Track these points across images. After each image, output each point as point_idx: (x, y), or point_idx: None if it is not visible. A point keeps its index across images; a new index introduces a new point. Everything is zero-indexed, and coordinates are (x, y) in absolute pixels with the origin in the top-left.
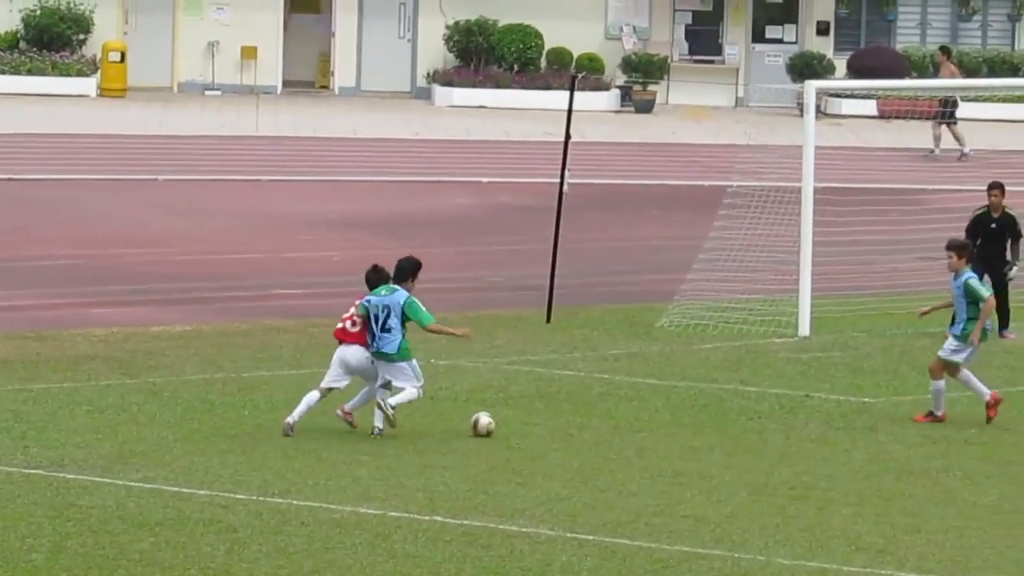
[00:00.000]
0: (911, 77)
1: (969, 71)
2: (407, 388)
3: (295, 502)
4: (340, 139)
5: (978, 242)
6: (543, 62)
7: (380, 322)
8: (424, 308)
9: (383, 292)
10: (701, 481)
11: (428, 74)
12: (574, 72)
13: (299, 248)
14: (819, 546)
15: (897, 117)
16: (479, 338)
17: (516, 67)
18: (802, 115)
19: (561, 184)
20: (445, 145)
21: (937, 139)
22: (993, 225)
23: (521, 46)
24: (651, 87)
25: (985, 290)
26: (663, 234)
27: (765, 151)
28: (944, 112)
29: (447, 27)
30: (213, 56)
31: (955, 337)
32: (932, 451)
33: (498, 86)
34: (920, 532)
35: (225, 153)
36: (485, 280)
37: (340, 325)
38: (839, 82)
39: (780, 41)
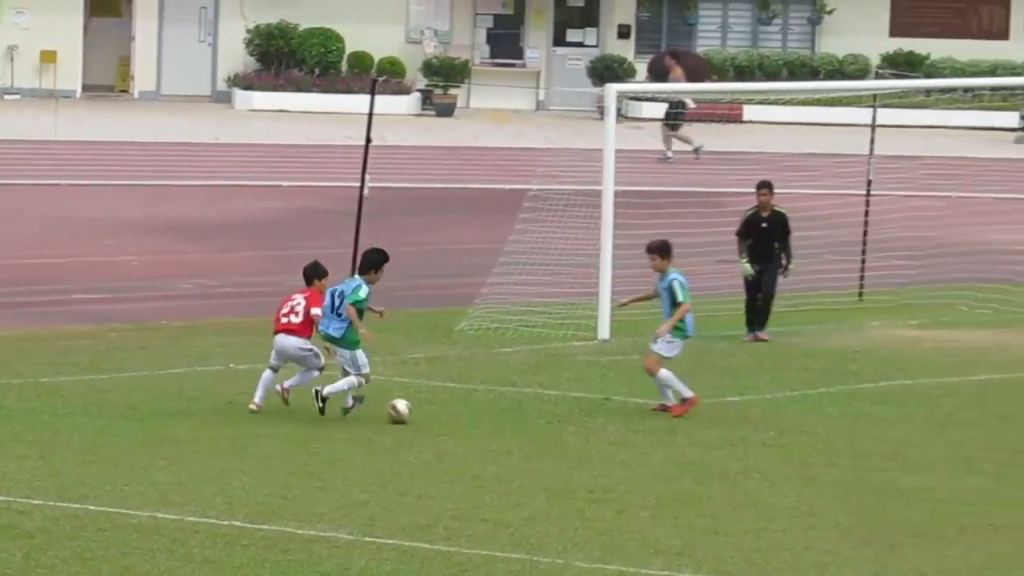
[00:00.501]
0: (712, 80)
1: (769, 74)
2: (346, 377)
3: (92, 507)
4: (140, 143)
5: (749, 242)
6: (344, 66)
7: (334, 307)
8: (364, 295)
9: (347, 280)
10: (500, 485)
11: (229, 78)
12: (375, 76)
13: (99, 252)
14: (617, 549)
15: (697, 120)
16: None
17: (317, 71)
18: (602, 118)
19: (361, 188)
20: (246, 149)
21: (666, 140)
22: (764, 224)
23: (322, 50)
24: (452, 91)
25: (683, 294)
26: (464, 238)
27: (566, 154)
28: (670, 115)
29: (248, 31)
30: (12, 60)
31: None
32: (730, 453)
33: (299, 90)
34: (718, 534)
35: (23, 157)
36: (284, 284)
37: (284, 321)
38: (640, 85)
39: (581, 44)
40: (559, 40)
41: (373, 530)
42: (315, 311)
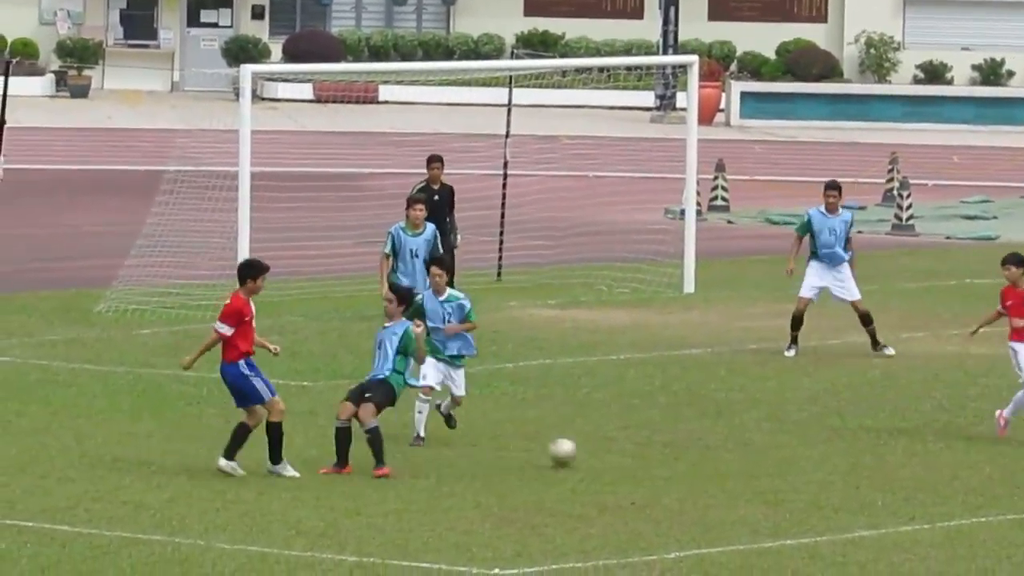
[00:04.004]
0: (347, 61)
1: (404, 55)
2: None
3: None
4: None
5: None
6: None
7: None
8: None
9: None
10: (140, 467)
11: None
12: (7, 58)
13: None
14: (259, 530)
15: (333, 101)
16: None
17: None
18: (238, 99)
19: None
20: None
21: None
22: (436, 197)
23: None
24: (86, 72)
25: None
26: (99, 220)
27: (201, 136)
28: None
29: None
30: None
31: None
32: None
33: None
34: (360, 515)
35: None
36: None
37: None
38: (275, 66)
39: (215, 25)
40: (193, 21)
41: (12, 513)
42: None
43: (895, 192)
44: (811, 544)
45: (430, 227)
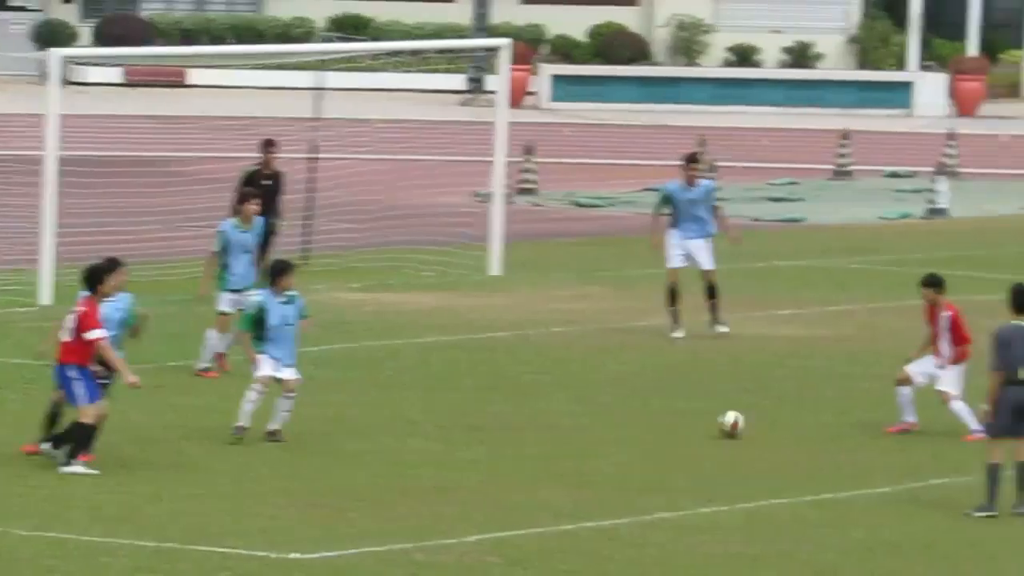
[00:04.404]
0: (158, 44)
1: (215, 38)
2: None
3: None
4: None
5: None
6: None
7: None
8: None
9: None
10: None
11: None
12: None
13: None
14: (57, 516)
15: (144, 85)
16: None
17: None
18: (45, 83)
19: None
20: None
21: None
22: (268, 182)
23: None
24: None
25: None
26: None
27: (6, 120)
28: None
29: None
30: None
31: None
32: (172, 420)
33: None
34: (162, 500)
35: None
36: None
37: None
38: (84, 50)
39: (24, 9)
40: (0, 4)
41: None
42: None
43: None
44: (611, 527)
45: (258, 219)
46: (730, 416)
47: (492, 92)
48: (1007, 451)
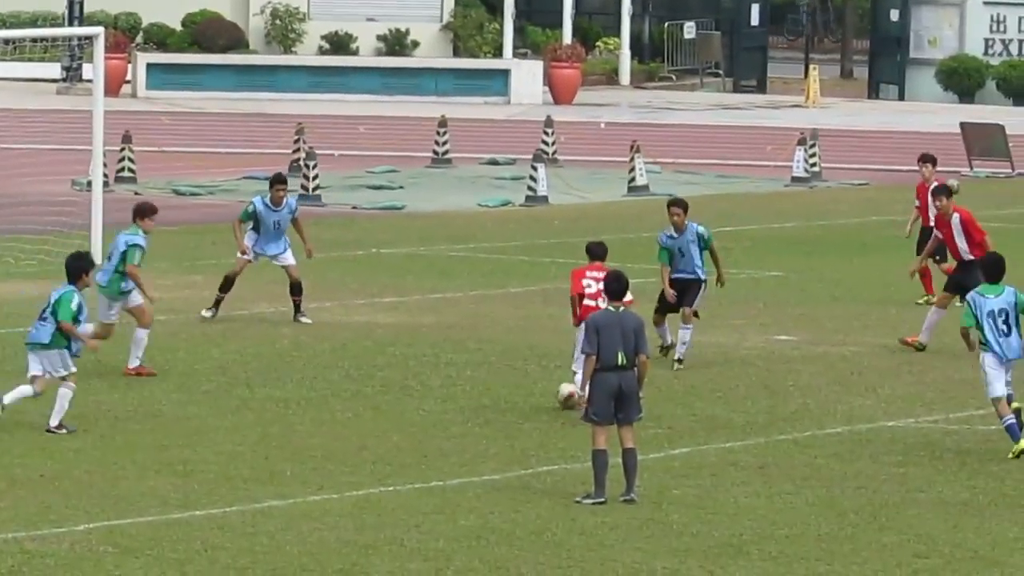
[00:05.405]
0: None
1: None
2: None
3: None
4: None
5: None
6: None
7: (41, 311)
8: (74, 307)
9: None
10: None
11: None
12: None
13: None
14: None
15: None
16: None
17: None
18: None
19: None
20: None
21: None
22: None
23: None
24: None
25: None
26: None
27: None
28: None
29: None
30: None
31: None
32: None
33: None
34: None
35: None
36: None
37: None
38: None
39: None
40: None
41: None
42: None
43: (301, 163)
44: (221, 515)
45: None
46: (565, 388)
47: (88, 81)
48: (610, 438)
